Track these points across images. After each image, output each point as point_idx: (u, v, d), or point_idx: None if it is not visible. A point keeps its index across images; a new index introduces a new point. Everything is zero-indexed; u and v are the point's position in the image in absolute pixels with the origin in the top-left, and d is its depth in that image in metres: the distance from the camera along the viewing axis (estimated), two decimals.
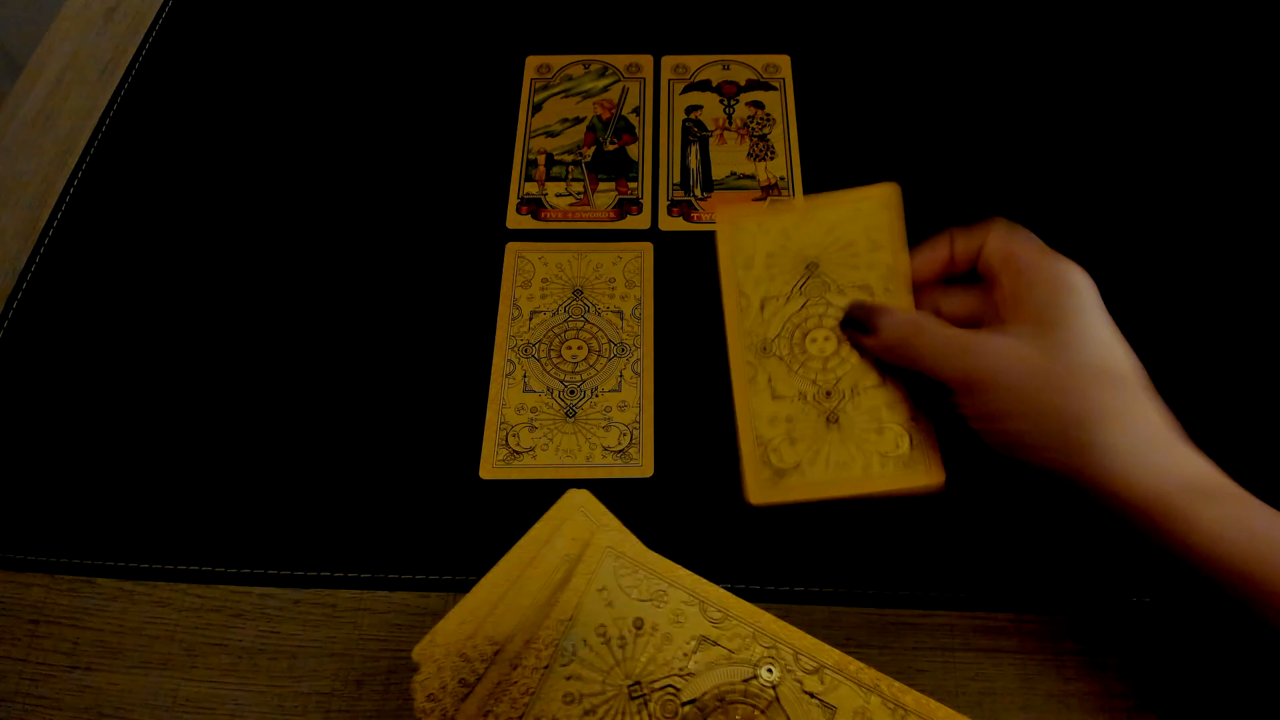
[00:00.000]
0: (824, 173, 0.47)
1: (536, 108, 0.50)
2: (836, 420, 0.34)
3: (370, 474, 0.39)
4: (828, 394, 0.34)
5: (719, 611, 0.30)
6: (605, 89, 0.51)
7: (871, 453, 0.33)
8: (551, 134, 0.49)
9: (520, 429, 0.40)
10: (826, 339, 0.35)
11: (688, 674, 0.29)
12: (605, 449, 0.39)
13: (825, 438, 0.34)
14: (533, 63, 0.52)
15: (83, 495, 0.39)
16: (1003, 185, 0.47)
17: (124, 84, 0.53)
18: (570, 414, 0.40)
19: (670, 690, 0.28)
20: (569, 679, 0.28)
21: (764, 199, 0.46)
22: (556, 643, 0.29)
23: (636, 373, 0.41)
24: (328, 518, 0.38)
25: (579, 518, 0.33)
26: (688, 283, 0.44)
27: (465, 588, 0.36)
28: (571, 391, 0.41)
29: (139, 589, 0.37)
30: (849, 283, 0.35)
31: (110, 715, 0.34)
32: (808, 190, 0.47)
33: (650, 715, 0.28)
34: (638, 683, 0.28)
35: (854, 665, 0.29)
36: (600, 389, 0.41)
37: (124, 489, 0.39)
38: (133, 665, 0.35)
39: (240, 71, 0.53)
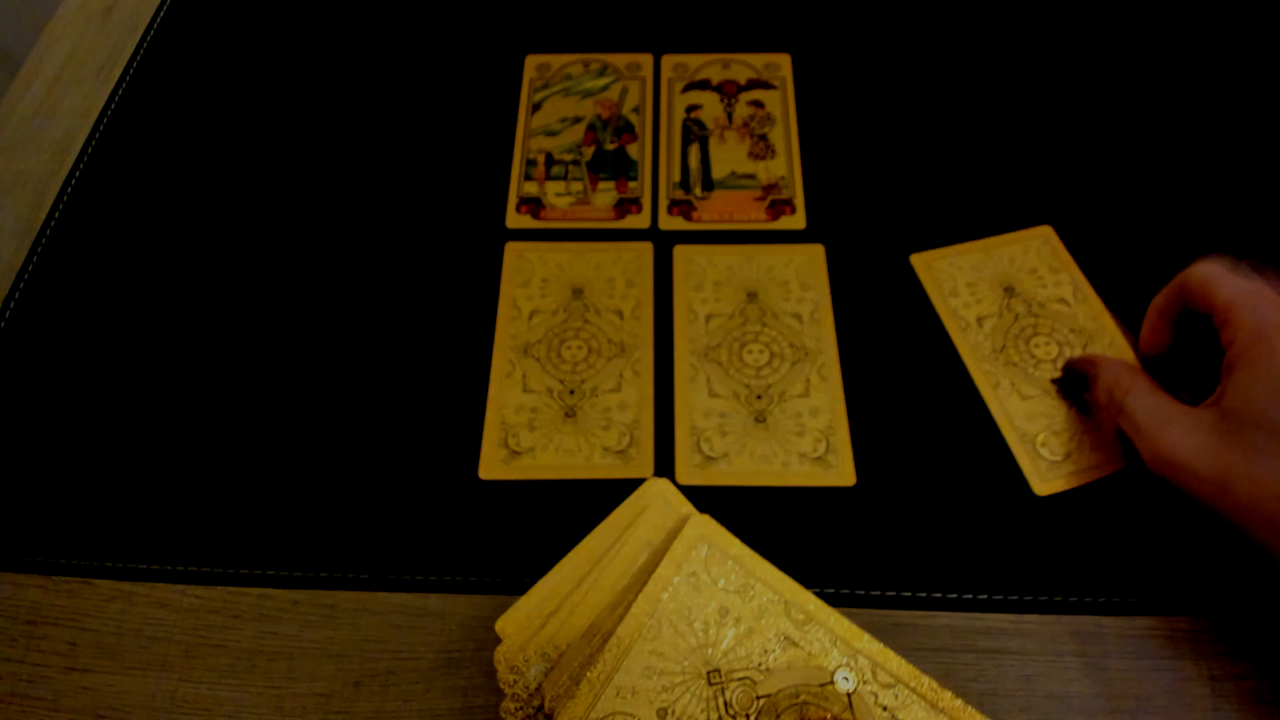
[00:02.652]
0: (824, 172, 0.47)
1: (536, 107, 0.50)
2: (764, 420, 0.39)
3: (370, 474, 0.39)
4: (759, 396, 0.39)
5: (802, 614, 0.31)
6: (605, 88, 0.51)
7: (792, 451, 0.38)
8: (551, 133, 0.49)
9: (520, 429, 0.40)
10: (761, 352, 0.41)
11: (765, 669, 0.29)
12: (605, 449, 0.39)
13: (752, 434, 0.39)
14: (532, 62, 0.52)
15: (81, 495, 0.39)
16: (1003, 185, 0.46)
17: (122, 82, 0.53)
18: (570, 414, 0.40)
19: (748, 682, 0.29)
20: (651, 654, 0.29)
21: (764, 199, 0.46)
22: (652, 615, 0.30)
23: (636, 373, 0.41)
24: (327, 518, 0.38)
25: (660, 505, 0.33)
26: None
27: (465, 588, 0.36)
28: (571, 391, 0.41)
29: (137, 590, 0.36)
30: (783, 311, 0.42)
31: (107, 716, 0.34)
32: (808, 190, 0.46)
33: (726, 703, 0.29)
34: (717, 670, 0.29)
35: (927, 683, 0.29)
36: (600, 389, 0.41)
37: (123, 489, 0.39)
38: (130, 666, 0.35)
39: (239, 70, 0.53)
